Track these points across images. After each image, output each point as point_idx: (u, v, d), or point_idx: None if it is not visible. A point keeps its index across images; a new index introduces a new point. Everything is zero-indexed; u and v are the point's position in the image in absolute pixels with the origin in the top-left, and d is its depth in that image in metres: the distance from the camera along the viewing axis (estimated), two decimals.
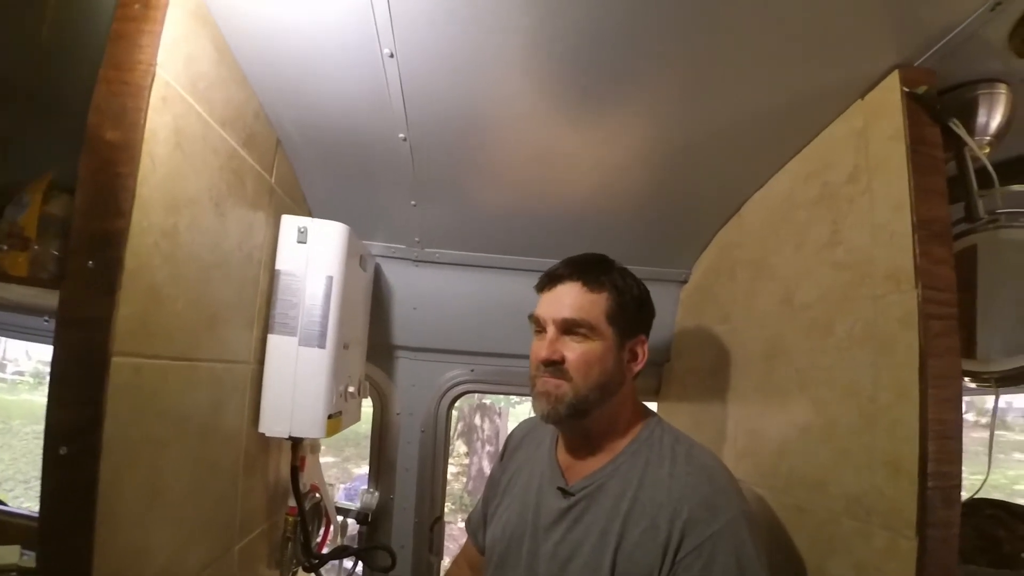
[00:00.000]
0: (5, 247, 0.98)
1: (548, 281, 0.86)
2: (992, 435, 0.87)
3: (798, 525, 0.90)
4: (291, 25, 0.78)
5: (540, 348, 0.82)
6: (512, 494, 0.93)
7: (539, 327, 0.85)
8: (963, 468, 0.68)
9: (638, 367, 0.86)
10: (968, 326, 0.84)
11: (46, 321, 1.37)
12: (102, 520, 0.57)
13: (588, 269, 0.84)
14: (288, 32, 0.79)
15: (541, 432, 0.98)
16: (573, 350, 0.80)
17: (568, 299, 0.82)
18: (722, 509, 0.73)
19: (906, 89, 0.77)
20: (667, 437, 0.84)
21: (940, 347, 0.69)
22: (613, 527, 0.76)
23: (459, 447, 9.50)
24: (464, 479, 8.97)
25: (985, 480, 0.81)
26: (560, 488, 0.84)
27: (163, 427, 0.69)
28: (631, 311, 0.85)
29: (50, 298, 1.11)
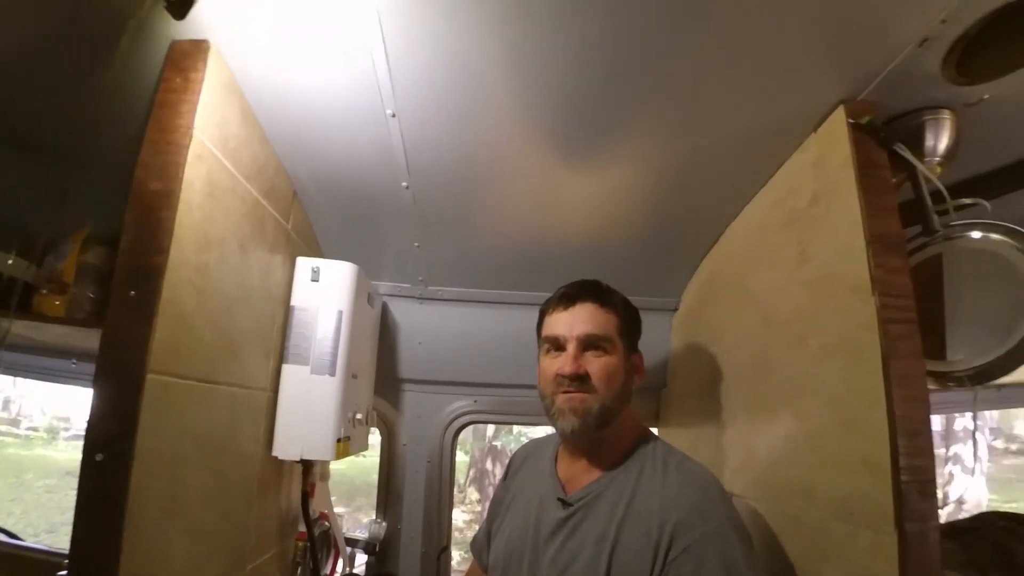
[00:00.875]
0: (44, 291, 1.08)
1: (563, 302, 0.91)
2: (975, 440, 0.90)
3: (793, 534, 0.91)
4: (306, 92, 0.90)
5: (563, 364, 0.86)
6: (514, 511, 0.97)
7: (555, 346, 0.90)
8: (989, 496, 0.70)
9: (640, 379, 0.93)
10: (938, 331, 0.89)
11: (73, 364, 1.46)
12: (129, 523, 0.62)
13: (599, 291, 0.92)
14: (304, 98, 0.91)
15: (542, 452, 1.02)
16: (595, 364, 0.86)
17: (587, 316, 0.89)
18: (711, 515, 0.76)
19: (851, 120, 0.86)
20: (660, 450, 0.88)
21: (901, 349, 0.75)
22: (608, 534, 0.79)
23: (471, 494, 9.22)
24: (476, 527, 8.66)
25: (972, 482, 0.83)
26: (560, 499, 0.88)
27: (185, 442, 0.76)
28: (633, 327, 0.94)
29: (82, 339, 1.20)
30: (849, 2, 0.73)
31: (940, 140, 0.92)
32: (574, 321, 0.89)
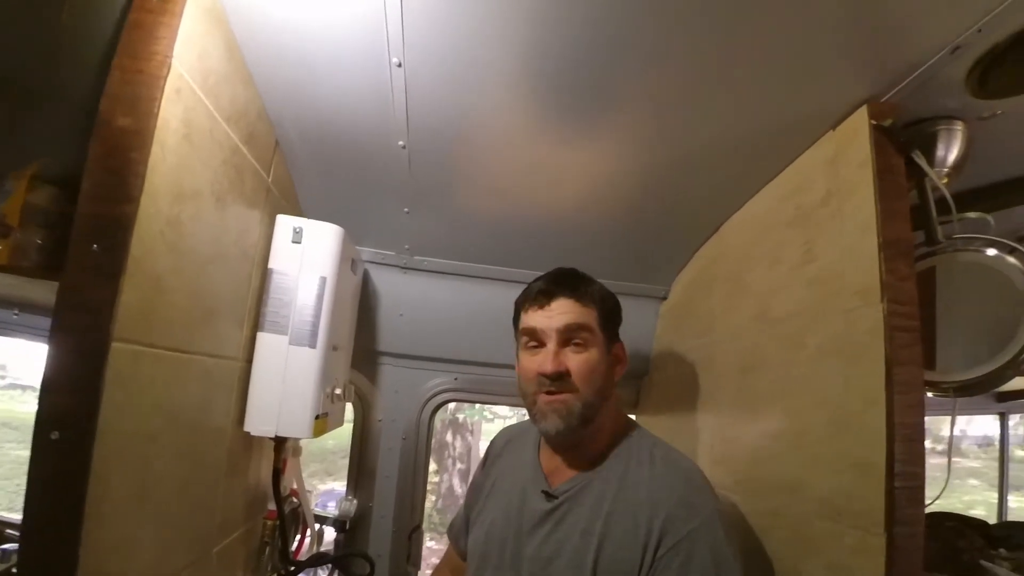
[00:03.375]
0: None
1: (540, 297, 0.86)
2: (951, 440, 0.94)
3: (773, 529, 0.93)
4: (302, 29, 0.80)
5: (543, 362, 0.82)
6: (496, 498, 0.94)
7: (536, 341, 0.85)
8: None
9: (623, 370, 0.91)
10: (929, 340, 0.91)
11: (15, 315, 1.32)
12: (90, 512, 0.55)
13: (576, 283, 0.87)
14: (298, 35, 0.81)
15: (524, 439, 1.00)
16: (575, 360, 0.82)
17: (566, 310, 0.84)
18: (698, 508, 0.76)
19: (874, 122, 0.84)
20: (646, 441, 0.87)
21: (905, 356, 0.75)
22: (595, 527, 0.78)
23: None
24: (433, 497, 8.76)
25: (945, 487, 0.86)
26: (544, 491, 0.86)
27: (155, 419, 0.68)
28: (613, 318, 0.90)
29: (27, 289, 1.08)
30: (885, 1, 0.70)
31: (951, 151, 0.93)
32: (552, 316, 0.84)
